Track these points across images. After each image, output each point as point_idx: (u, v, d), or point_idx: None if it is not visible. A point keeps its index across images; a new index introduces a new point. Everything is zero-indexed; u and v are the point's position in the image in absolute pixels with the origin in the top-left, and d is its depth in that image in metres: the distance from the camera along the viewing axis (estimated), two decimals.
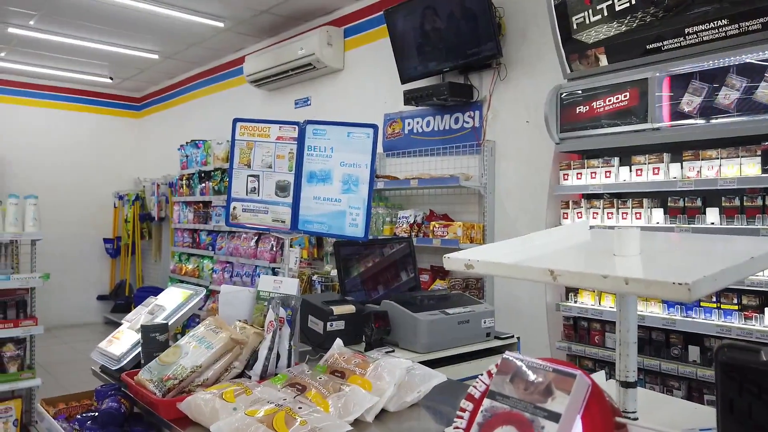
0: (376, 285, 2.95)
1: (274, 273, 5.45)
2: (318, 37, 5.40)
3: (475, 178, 4.28)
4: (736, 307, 2.73)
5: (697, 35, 2.76)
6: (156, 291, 8.08)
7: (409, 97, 4.46)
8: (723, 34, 2.66)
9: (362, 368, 1.78)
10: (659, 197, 3.04)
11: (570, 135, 3.28)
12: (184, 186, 7.12)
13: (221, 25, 6.00)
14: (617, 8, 3.00)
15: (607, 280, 0.61)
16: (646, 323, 3.03)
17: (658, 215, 3.00)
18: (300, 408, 1.45)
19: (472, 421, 0.54)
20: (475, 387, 0.58)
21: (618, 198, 3.18)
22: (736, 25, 2.60)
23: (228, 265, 6.19)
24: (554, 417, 0.47)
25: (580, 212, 3.31)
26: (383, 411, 1.67)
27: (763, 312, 2.65)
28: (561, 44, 3.27)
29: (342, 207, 2.18)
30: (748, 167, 2.61)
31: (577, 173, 3.28)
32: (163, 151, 8.76)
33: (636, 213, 3.06)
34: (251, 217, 2.29)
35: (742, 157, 2.63)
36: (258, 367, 1.82)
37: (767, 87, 2.52)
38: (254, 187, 2.26)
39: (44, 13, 5.85)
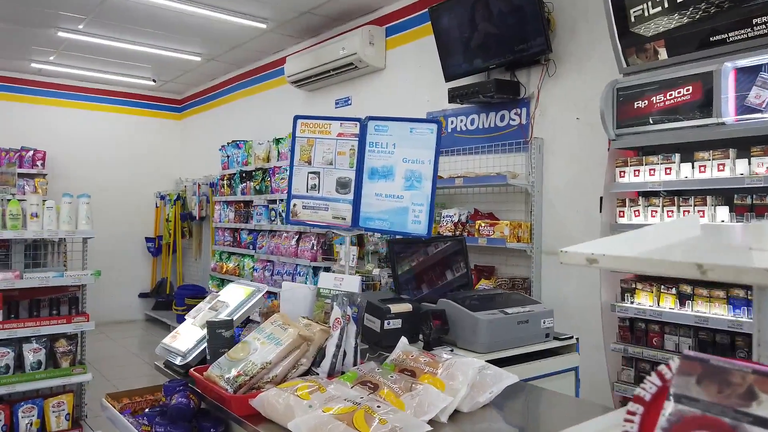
0: (428, 283, 2.91)
1: (315, 272, 5.46)
2: (359, 37, 5.39)
3: (522, 176, 4.20)
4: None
5: (766, 25, 2.64)
6: (196, 289, 8.25)
7: (454, 95, 4.41)
8: None
9: (432, 367, 1.75)
10: (724, 195, 2.93)
11: (627, 131, 3.18)
12: (225, 186, 7.20)
13: (264, 26, 6.06)
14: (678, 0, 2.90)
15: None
16: (709, 325, 2.92)
17: (722, 213, 2.89)
18: (379, 407, 1.42)
19: (645, 425, 0.51)
20: (643, 389, 0.54)
21: (678, 196, 3.08)
22: None
23: (269, 263, 6.23)
24: (763, 423, 0.43)
25: (638, 210, 3.22)
26: (456, 411, 1.64)
27: None
28: (618, 38, 3.18)
29: (404, 203, 2.15)
30: None
31: (635, 170, 3.19)
32: (204, 152, 8.89)
33: (699, 211, 2.96)
34: (311, 214, 2.27)
35: None
36: (326, 364, 1.81)
37: None
38: (314, 184, 2.25)
39: (93, 17, 5.99)
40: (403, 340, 1.95)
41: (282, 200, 5.89)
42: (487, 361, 2.18)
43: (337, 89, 6.24)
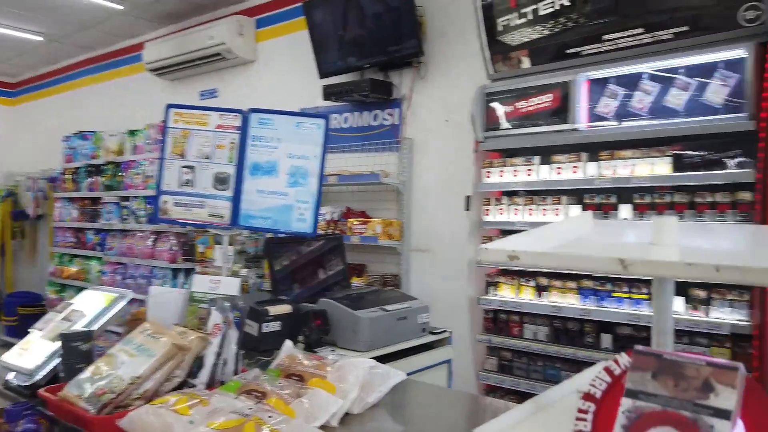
0: (305, 283, 2.84)
1: (175, 274, 5.12)
2: (228, 26, 5.13)
3: (394, 175, 4.28)
4: (646, 297, 2.94)
5: (613, 42, 2.94)
6: (30, 296, 7.32)
7: (330, 93, 4.36)
8: (638, 41, 2.85)
9: (321, 370, 1.69)
10: (576, 194, 3.21)
11: (494, 134, 3.37)
12: (69, 181, 6.48)
13: (120, 7, 5.52)
14: (541, 12, 3.12)
15: (692, 268, 0.59)
16: (563, 314, 3.18)
17: (575, 211, 3.17)
18: (270, 417, 1.33)
19: (599, 423, 0.50)
20: (593, 386, 0.53)
21: (537, 195, 3.32)
22: (650, 34, 2.80)
23: (120, 266, 5.72)
24: (723, 414, 0.43)
25: (502, 209, 3.42)
26: (347, 414, 1.60)
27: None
28: (487, 45, 3.35)
29: (289, 201, 2.05)
30: (659, 167, 2.82)
31: (500, 171, 3.38)
32: (43, 143, 7.92)
33: (555, 209, 3.21)
34: (184, 212, 2.09)
35: (653, 157, 2.84)
36: (205, 374, 1.67)
37: (677, 93, 2.73)
38: (189, 180, 2.06)
39: None
40: (288, 343, 1.86)
41: (138, 197, 5.43)
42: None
43: (202, 80, 5.88)
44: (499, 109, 3.34)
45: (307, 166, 2.04)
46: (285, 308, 2.34)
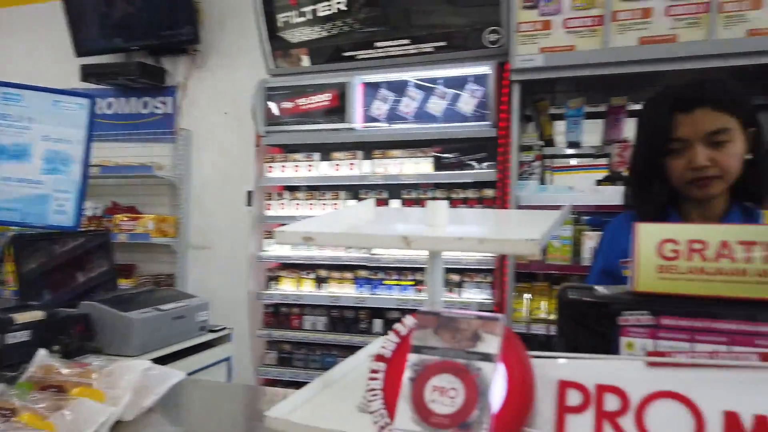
0: (61, 286, 2.51)
1: None
2: None
3: (169, 168, 4.02)
4: (412, 283, 3.25)
5: (384, 49, 3.18)
6: None
7: (90, 73, 3.90)
8: (405, 51, 3.13)
9: (86, 377, 1.53)
10: (353, 190, 3.40)
11: (275, 129, 3.39)
12: None
13: None
14: (319, 14, 3.23)
15: (462, 242, 0.69)
16: (340, 303, 3.35)
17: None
18: None
19: (390, 378, 0.55)
20: (384, 347, 0.58)
21: (317, 190, 3.44)
22: (415, 46, 3.10)
23: None
24: (488, 357, 0.52)
25: (283, 203, 3.45)
26: (119, 421, 1.47)
27: None
28: (267, 40, 3.34)
29: (45, 190, 1.77)
30: (423, 166, 3.14)
31: (282, 166, 3.41)
32: None
33: (334, 204, 3.36)
34: None
35: (418, 157, 3.15)
36: None
37: (436, 101, 3.08)
38: None
39: None
40: (42, 352, 1.64)
41: None
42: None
43: None
44: (280, 104, 3.37)
45: (69, 151, 1.80)
46: (35, 315, 2.04)
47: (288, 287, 3.52)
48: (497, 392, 0.51)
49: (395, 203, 3.26)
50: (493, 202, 3.04)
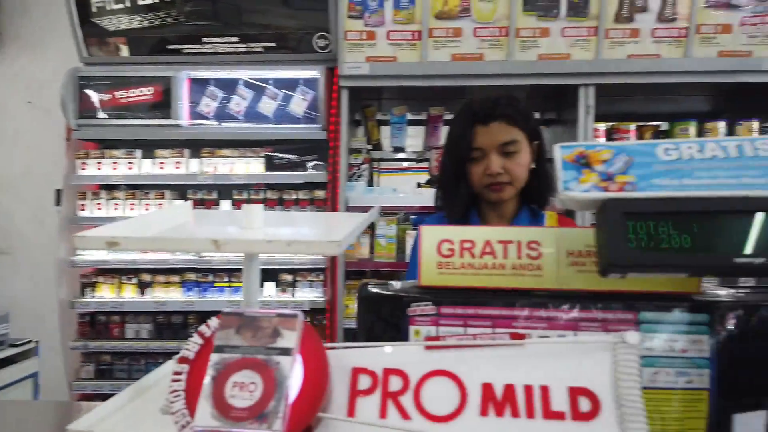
0: None
1: None
2: None
3: None
4: (242, 284, 3.21)
5: (212, 45, 3.10)
6: None
7: None
8: (234, 49, 3.08)
9: None
10: (179, 190, 3.26)
11: (90, 122, 3.11)
12: None
13: None
14: (140, 2, 3.04)
15: (271, 244, 0.73)
16: (167, 308, 3.19)
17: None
18: None
19: (193, 379, 0.57)
20: (187, 350, 0.60)
21: (140, 189, 3.23)
22: (245, 45, 3.07)
23: None
24: (286, 352, 0.57)
25: (100, 203, 3.19)
26: None
27: (262, 286, 3.22)
28: (79, 25, 3.06)
29: None
30: (254, 166, 3.12)
31: (97, 163, 3.15)
32: None
33: (158, 204, 3.19)
34: None
35: (249, 157, 3.12)
36: None
37: (267, 101, 3.08)
38: None
39: None
40: None
41: None
42: None
43: None
44: (95, 96, 3.11)
45: None
46: None
47: (106, 294, 3.26)
48: (294, 383, 0.56)
49: (226, 204, 3.19)
50: (323, 202, 3.12)
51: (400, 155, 3.27)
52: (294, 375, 0.56)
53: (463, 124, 1.53)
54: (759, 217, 0.58)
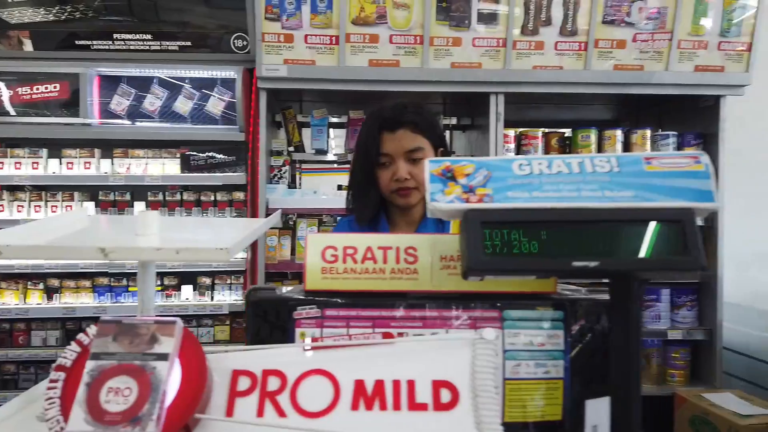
0: None
1: None
2: None
3: None
4: (160, 288, 3.14)
5: (124, 42, 3.00)
6: None
7: None
8: (147, 47, 3.00)
9: None
10: (90, 191, 3.14)
11: None
12: None
13: None
14: None
15: (160, 252, 0.75)
16: (77, 314, 3.07)
17: (89, 208, 3.09)
18: None
19: (69, 386, 0.58)
20: (64, 357, 0.61)
21: (46, 191, 3.09)
22: (159, 43, 2.99)
23: None
24: (163, 357, 0.59)
25: (2, 205, 3.02)
26: None
27: (180, 289, 3.16)
28: None
29: None
30: (170, 167, 3.05)
31: (0, 162, 2.98)
32: None
33: (66, 206, 3.06)
34: None
35: (165, 158, 3.05)
36: None
37: (184, 101, 3.02)
38: None
39: None
40: None
41: None
42: None
43: None
44: None
45: None
46: None
47: (11, 300, 3.09)
48: (170, 387, 0.59)
49: (140, 206, 3.11)
50: (243, 204, 3.10)
51: (321, 157, 3.31)
52: (170, 379, 0.59)
53: (372, 131, 1.59)
54: (593, 226, 0.66)
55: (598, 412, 0.80)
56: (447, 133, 3.49)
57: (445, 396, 0.65)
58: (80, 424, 0.55)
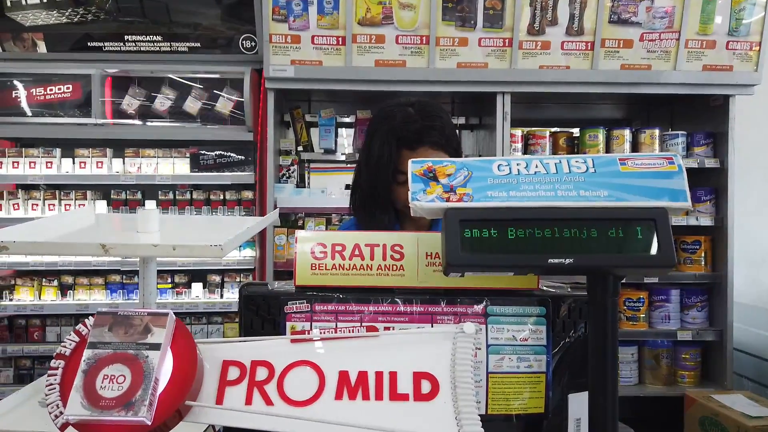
0: None
1: None
2: None
3: None
4: (170, 285, 3.20)
5: (135, 44, 3.06)
6: None
7: None
8: (158, 48, 3.05)
9: None
10: (102, 190, 3.20)
11: (5, 120, 3.02)
12: None
13: None
14: None
15: (157, 248, 0.79)
16: (90, 311, 3.13)
17: (101, 207, 3.16)
18: None
19: (68, 374, 0.62)
20: (64, 346, 0.64)
21: (60, 190, 3.16)
22: (169, 44, 3.05)
23: None
24: (155, 347, 0.63)
25: (17, 204, 3.10)
26: None
27: (190, 287, 3.21)
28: None
29: None
30: (180, 166, 3.11)
31: (14, 162, 3.06)
32: None
33: (79, 204, 3.13)
34: None
35: (175, 157, 3.10)
36: None
37: (192, 100, 3.07)
38: None
39: None
40: None
41: None
42: None
43: None
44: (12, 93, 3.02)
45: None
46: None
47: (26, 296, 3.17)
48: (162, 374, 0.62)
49: (151, 204, 3.16)
50: (252, 204, 3.15)
51: (330, 157, 3.34)
52: (162, 367, 0.62)
53: (388, 148, 1.48)
54: (568, 224, 0.69)
55: (581, 405, 0.82)
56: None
57: (426, 387, 0.68)
58: (77, 409, 0.58)
